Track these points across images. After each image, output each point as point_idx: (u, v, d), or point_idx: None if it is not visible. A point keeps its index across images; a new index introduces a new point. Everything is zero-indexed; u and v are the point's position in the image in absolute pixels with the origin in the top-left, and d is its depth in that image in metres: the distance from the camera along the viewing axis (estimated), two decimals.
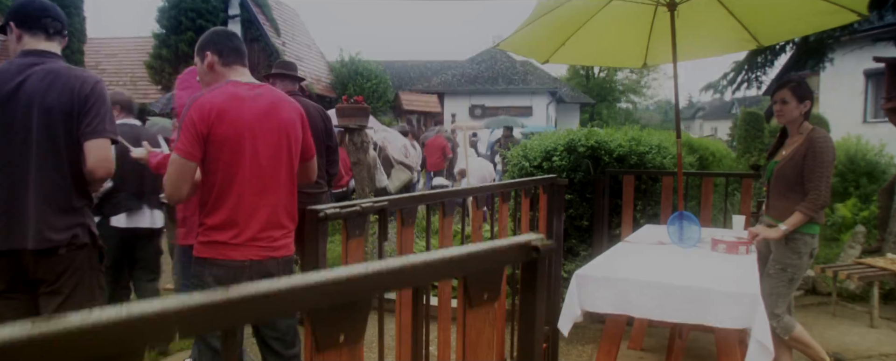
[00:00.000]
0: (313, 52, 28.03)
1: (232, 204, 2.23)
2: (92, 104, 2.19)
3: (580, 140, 4.62)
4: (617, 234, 4.60)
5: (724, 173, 4.85)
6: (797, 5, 3.25)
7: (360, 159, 5.56)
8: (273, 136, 2.32)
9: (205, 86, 2.43)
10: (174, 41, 18.18)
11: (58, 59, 2.27)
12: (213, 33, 2.42)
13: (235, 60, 2.40)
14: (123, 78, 24.32)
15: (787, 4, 3.27)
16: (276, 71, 4.27)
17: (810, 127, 3.21)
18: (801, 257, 3.15)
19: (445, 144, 12.84)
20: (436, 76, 32.96)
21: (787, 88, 3.21)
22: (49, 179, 2.16)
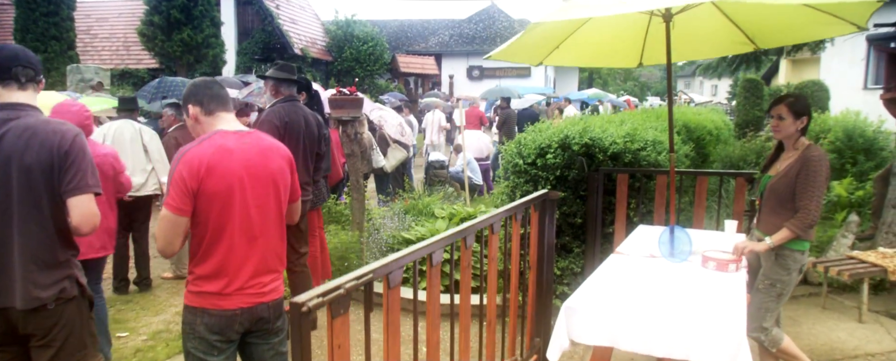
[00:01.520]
0: (308, 13, 27.54)
1: (222, 255, 2.24)
2: (72, 160, 2.16)
3: (574, 137, 4.58)
4: (610, 232, 4.62)
5: (718, 172, 4.83)
6: (797, 15, 3.17)
7: (354, 150, 5.52)
8: (262, 187, 2.32)
9: (195, 137, 2.41)
10: (166, 7, 17.83)
11: (33, 110, 2.22)
12: (192, 85, 2.39)
13: (218, 108, 2.37)
14: (116, 43, 23.95)
15: (787, 14, 3.20)
16: (273, 74, 4.19)
17: (806, 143, 3.18)
18: (790, 273, 3.17)
19: (482, 114, 12.88)
20: (433, 36, 32.51)
21: (783, 104, 3.17)
22: (33, 237, 2.15)
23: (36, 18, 17.93)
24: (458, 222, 6.93)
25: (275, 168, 2.37)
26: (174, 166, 2.20)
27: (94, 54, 23.63)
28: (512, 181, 4.82)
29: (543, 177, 4.62)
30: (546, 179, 4.61)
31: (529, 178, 4.68)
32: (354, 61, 25.21)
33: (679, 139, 5.93)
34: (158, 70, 22.20)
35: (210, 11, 18.80)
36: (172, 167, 2.21)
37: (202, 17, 18.40)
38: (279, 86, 4.20)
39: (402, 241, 6.30)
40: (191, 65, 19.30)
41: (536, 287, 3.52)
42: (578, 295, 2.72)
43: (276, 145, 2.44)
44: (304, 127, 4.20)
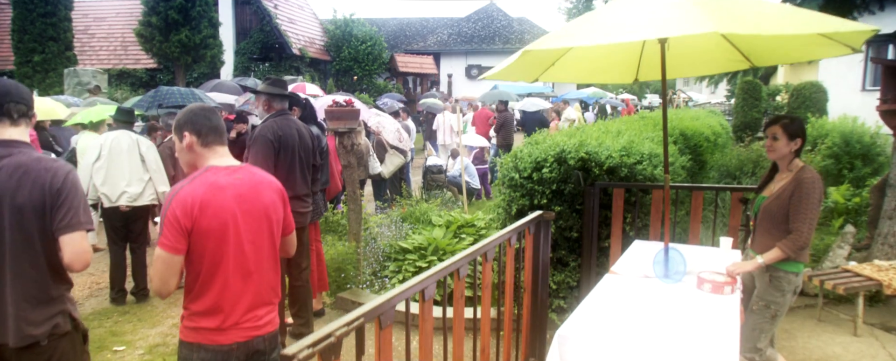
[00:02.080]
0: (306, 13, 27.51)
1: (217, 292, 2.24)
2: (64, 198, 2.15)
3: (570, 152, 4.58)
4: (606, 246, 4.62)
5: (713, 187, 4.83)
6: (793, 37, 3.17)
7: (350, 162, 5.52)
8: (255, 222, 2.32)
9: (184, 166, 2.41)
10: (163, 8, 17.81)
11: (25, 147, 2.21)
12: (191, 112, 2.36)
13: (214, 140, 2.35)
14: (114, 43, 23.92)
15: (783, 36, 3.19)
16: (265, 90, 4.19)
17: (800, 165, 3.18)
18: (784, 295, 3.18)
19: (491, 114, 12.96)
20: (432, 35, 32.49)
21: (778, 125, 3.18)
22: (25, 276, 2.15)
23: (33, 19, 17.90)
24: (455, 230, 6.94)
25: (267, 202, 2.37)
26: (167, 205, 2.20)
27: (92, 54, 23.60)
28: (507, 194, 4.82)
29: (539, 191, 4.62)
30: (542, 193, 4.61)
31: (525, 192, 4.67)
32: (353, 61, 25.20)
33: (675, 149, 5.94)
34: (156, 70, 22.20)
35: (208, 12, 18.78)
36: (165, 206, 2.21)
37: (200, 17, 18.38)
38: (271, 100, 4.20)
39: (400, 250, 6.31)
40: (189, 65, 19.30)
41: (531, 305, 3.52)
42: (571, 322, 2.72)
43: (267, 179, 2.44)
44: (298, 140, 4.20)
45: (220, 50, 19.73)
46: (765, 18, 2.48)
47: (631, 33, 2.45)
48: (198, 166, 2.35)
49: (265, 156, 3.96)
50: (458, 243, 6.37)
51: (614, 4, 2.93)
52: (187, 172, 2.39)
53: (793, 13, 2.61)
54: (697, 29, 2.29)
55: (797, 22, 2.49)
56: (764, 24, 2.40)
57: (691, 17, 2.37)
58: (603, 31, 2.56)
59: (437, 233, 6.60)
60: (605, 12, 2.82)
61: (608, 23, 2.64)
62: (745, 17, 2.45)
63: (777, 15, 2.56)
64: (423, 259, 6.09)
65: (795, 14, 2.61)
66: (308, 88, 16.00)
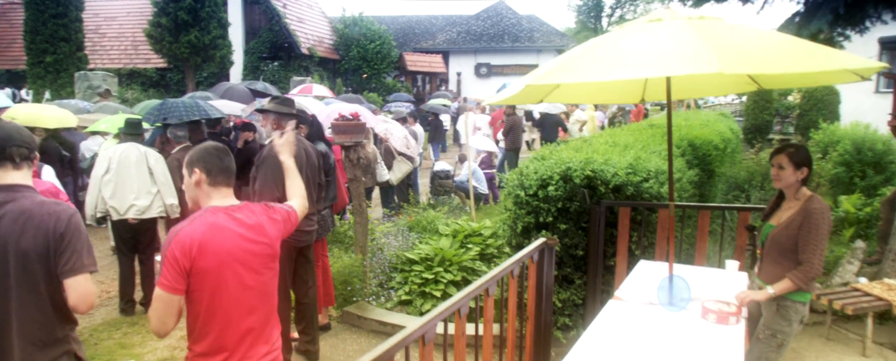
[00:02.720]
0: (315, 11, 27.53)
1: (218, 331, 2.26)
2: (68, 242, 2.18)
3: (576, 170, 4.56)
4: (612, 264, 4.60)
5: (720, 206, 4.79)
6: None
7: (357, 175, 5.53)
8: (255, 260, 2.35)
9: (190, 200, 2.44)
10: (173, 9, 17.87)
11: (28, 191, 2.24)
12: (204, 151, 2.40)
13: (223, 181, 2.39)
14: (124, 42, 24.03)
15: None
16: (274, 109, 4.20)
17: (808, 194, 3.15)
18: (791, 324, 3.16)
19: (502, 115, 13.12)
20: (441, 33, 32.40)
21: (784, 154, 3.15)
22: (31, 319, 2.17)
23: (45, 20, 18.02)
24: (461, 239, 6.94)
25: (267, 241, 2.40)
26: (167, 245, 2.22)
27: (103, 53, 23.74)
28: (513, 212, 4.81)
29: (545, 209, 4.61)
30: (548, 211, 4.60)
31: (531, 210, 4.66)
32: (362, 60, 25.21)
33: (683, 162, 5.90)
34: (166, 70, 22.30)
35: (217, 13, 18.83)
36: (165, 245, 2.22)
37: (209, 18, 18.43)
38: (280, 119, 4.21)
39: (406, 261, 6.32)
40: (198, 66, 19.37)
41: (534, 332, 3.52)
42: (575, 354, 2.71)
43: (267, 216, 2.46)
44: (305, 160, 4.22)
45: (229, 50, 19.79)
46: (772, 54, 2.46)
47: (635, 70, 2.42)
48: (201, 204, 2.38)
49: (274, 176, 3.98)
50: (464, 253, 6.37)
51: (618, 34, 2.91)
52: (191, 207, 2.42)
53: (801, 48, 2.57)
54: (703, 68, 2.27)
55: (804, 58, 2.46)
56: (770, 61, 2.37)
57: (697, 55, 2.35)
58: (606, 65, 2.54)
59: (444, 243, 6.61)
60: (608, 43, 2.80)
61: (612, 56, 2.61)
62: (752, 54, 2.43)
63: (785, 50, 2.53)
64: (430, 270, 6.10)
65: (803, 49, 2.58)
66: (316, 89, 16.02)
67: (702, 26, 2.70)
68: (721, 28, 2.72)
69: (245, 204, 2.45)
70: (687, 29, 2.66)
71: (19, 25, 19.67)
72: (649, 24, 2.92)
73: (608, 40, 2.86)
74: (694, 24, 2.72)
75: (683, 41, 2.51)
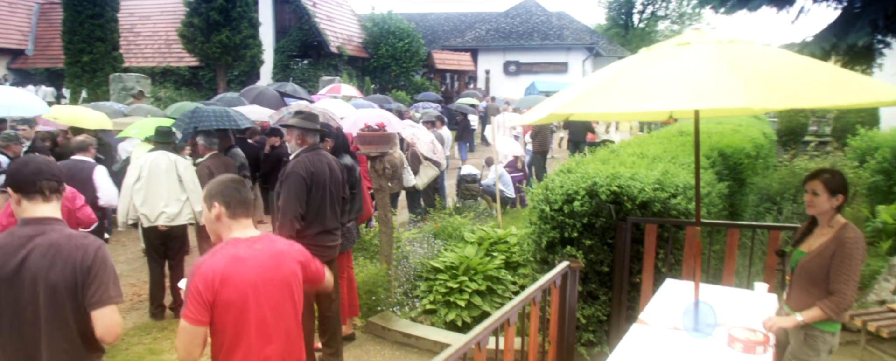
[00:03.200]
0: (344, 10, 27.68)
1: (241, 358, 2.33)
2: (95, 274, 2.24)
3: (602, 185, 4.51)
4: (637, 282, 4.54)
5: (750, 224, 4.69)
6: None
7: (382, 185, 5.55)
8: (276, 291, 2.40)
9: (211, 234, 2.49)
10: (205, 10, 18.14)
11: (57, 224, 2.30)
12: (221, 184, 2.45)
13: (241, 213, 2.44)
14: (158, 41, 24.48)
15: None
16: (298, 124, 4.23)
17: (842, 222, 3.06)
18: (819, 355, 3.08)
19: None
20: (470, 30, 32.36)
21: (819, 180, 3.06)
22: (60, 349, 2.24)
23: (82, 21, 18.45)
24: (487, 246, 6.92)
25: (288, 271, 2.45)
26: (190, 278, 2.28)
27: (137, 52, 24.23)
28: (538, 226, 4.78)
29: (570, 225, 4.56)
30: (573, 226, 4.56)
31: (556, 225, 4.63)
32: (390, 58, 25.29)
33: (712, 174, 5.79)
34: (198, 68, 22.68)
35: (248, 13, 19.07)
36: (189, 278, 2.27)
37: (240, 18, 18.68)
38: (305, 134, 4.24)
39: (431, 269, 6.32)
40: (229, 65, 19.65)
41: (557, 351, 3.49)
42: None
43: (287, 247, 2.51)
44: (329, 175, 4.25)
45: (259, 49, 20.04)
46: (803, 86, 2.39)
47: (660, 102, 2.38)
48: (223, 236, 2.44)
49: (297, 193, 4.02)
50: (489, 262, 6.35)
51: (644, 59, 2.86)
52: (213, 240, 2.46)
53: (834, 77, 2.49)
54: (730, 102, 2.22)
55: (837, 90, 2.38)
56: (800, 94, 2.31)
57: (724, 87, 2.29)
58: (631, 95, 2.49)
59: (469, 251, 6.60)
60: (634, 69, 2.75)
61: (638, 85, 2.57)
62: (782, 86, 2.36)
63: (817, 80, 2.45)
64: (454, 279, 6.09)
65: (837, 78, 2.49)
66: (343, 89, 16.13)
67: (731, 52, 2.63)
68: (751, 54, 2.66)
69: (266, 234, 2.50)
70: (715, 56, 2.60)
71: (58, 25, 20.16)
72: (677, 48, 2.86)
73: (634, 66, 2.81)
74: (723, 51, 2.66)
75: (711, 71, 2.45)
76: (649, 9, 41.91)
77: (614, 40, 37.83)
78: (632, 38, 40.02)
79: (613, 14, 41.99)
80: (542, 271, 4.86)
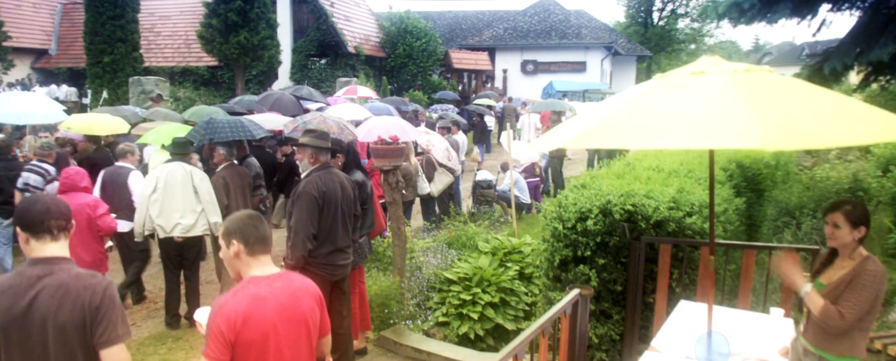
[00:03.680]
0: (362, 9, 27.72)
1: None
2: (103, 314, 2.26)
3: (616, 203, 4.46)
4: (651, 301, 4.49)
5: (765, 246, 4.61)
6: None
7: (395, 198, 5.54)
8: (294, 329, 2.45)
9: (230, 270, 2.53)
10: (223, 10, 18.26)
11: (65, 263, 2.32)
12: (239, 221, 2.47)
13: (260, 250, 2.46)
14: (177, 41, 24.71)
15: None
16: (311, 143, 4.23)
17: (864, 254, 2.98)
18: None
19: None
20: (487, 29, 32.27)
21: (840, 212, 2.97)
22: None
23: (103, 22, 18.68)
24: (501, 256, 6.89)
25: (306, 309, 2.50)
26: (212, 318, 2.32)
27: (158, 51, 24.47)
28: (551, 244, 4.74)
29: (583, 243, 4.52)
30: (586, 245, 4.52)
31: (569, 243, 4.59)
32: (407, 57, 25.27)
33: (729, 188, 5.71)
34: (217, 68, 22.86)
35: (266, 13, 19.17)
36: (210, 317, 2.32)
37: (258, 19, 18.78)
38: (317, 153, 4.25)
39: (444, 281, 6.31)
40: (247, 65, 19.78)
41: None
42: None
43: (304, 285, 2.55)
44: (340, 194, 4.26)
45: (277, 50, 20.15)
46: (821, 123, 2.32)
47: (673, 139, 2.33)
48: (242, 274, 2.47)
49: (309, 213, 4.04)
50: (502, 273, 6.33)
51: (658, 88, 2.80)
52: (233, 277, 2.51)
53: (854, 114, 2.42)
54: (744, 143, 2.17)
55: (856, 128, 2.32)
56: (817, 134, 2.25)
57: (739, 126, 2.23)
58: (644, 130, 2.45)
59: (483, 262, 6.58)
60: (647, 100, 2.70)
61: (651, 119, 2.52)
62: (800, 123, 2.29)
63: (837, 117, 2.39)
64: (468, 291, 6.08)
65: (858, 114, 2.42)
66: (360, 91, 16.16)
67: (747, 84, 2.57)
68: (768, 87, 2.60)
69: (284, 272, 2.54)
70: (731, 88, 2.54)
71: (80, 25, 20.42)
72: (691, 76, 2.81)
73: (648, 95, 2.75)
74: (739, 81, 2.60)
75: (726, 106, 2.39)
76: (669, 6, 41.46)
77: (633, 38, 37.50)
78: (651, 37, 39.64)
79: (632, 12, 41.61)
80: (555, 288, 4.83)
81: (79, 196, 5.19)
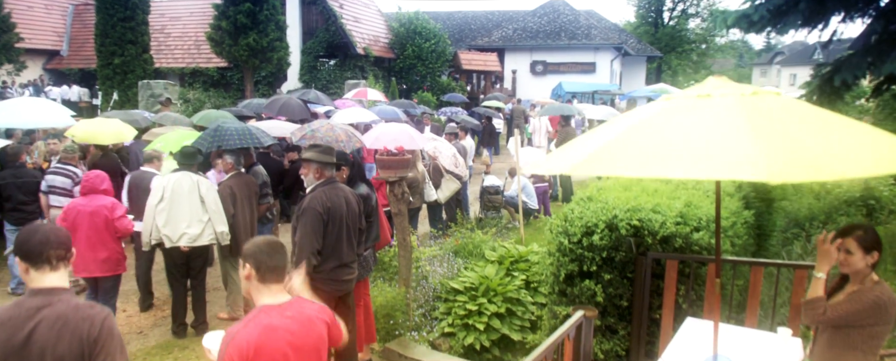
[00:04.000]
0: (371, 10, 27.73)
1: None
2: (101, 346, 2.26)
3: (622, 218, 4.43)
4: (657, 317, 4.46)
5: (774, 263, 4.55)
6: None
7: (401, 210, 5.53)
8: (306, 357, 2.46)
9: (244, 292, 2.55)
10: (233, 13, 18.31)
11: (64, 294, 2.32)
12: (256, 247, 2.48)
13: (272, 279, 2.48)
14: (187, 42, 24.82)
15: None
16: (316, 158, 4.22)
17: (875, 279, 2.93)
18: None
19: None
20: (497, 29, 32.21)
21: (852, 238, 2.92)
22: None
23: (114, 24, 18.79)
24: (507, 265, 6.87)
25: (317, 336, 2.52)
26: (224, 348, 2.33)
27: (168, 52, 24.60)
28: (556, 259, 4.72)
29: (589, 258, 4.50)
30: (592, 260, 4.49)
31: (574, 258, 4.56)
32: (416, 58, 25.26)
33: (738, 198, 5.66)
34: (227, 69, 22.96)
35: (275, 15, 19.21)
36: (221, 348, 2.33)
37: (267, 21, 18.82)
38: (322, 168, 4.24)
39: (450, 291, 6.30)
40: (256, 67, 19.83)
41: None
42: None
43: (316, 311, 2.56)
44: (345, 209, 4.25)
45: (286, 52, 20.20)
46: (831, 152, 2.27)
47: (677, 169, 2.29)
48: (255, 299, 2.50)
49: (314, 228, 4.04)
50: (509, 282, 6.31)
51: (663, 111, 2.77)
52: (245, 297, 2.53)
53: (864, 143, 2.37)
54: (749, 175, 2.13)
55: (865, 159, 2.27)
56: (826, 165, 2.20)
57: (746, 158, 2.20)
58: (647, 158, 2.41)
59: (489, 271, 6.56)
60: (652, 124, 2.65)
61: (655, 145, 2.48)
62: (808, 153, 2.24)
63: (848, 145, 2.34)
64: (474, 301, 6.07)
65: (868, 144, 2.37)
66: (370, 94, 16.16)
67: (754, 109, 2.53)
68: (775, 112, 2.56)
69: (296, 299, 2.55)
70: (737, 113, 2.50)
71: (92, 26, 20.56)
72: (697, 99, 2.77)
73: (653, 119, 2.72)
74: (745, 107, 2.56)
75: (731, 133, 2.36)
76: (680, 6, 41.21)
77: (643, 39, 37.31)
78: (661, 37, 39.42)
79: (643, 12, 41.39)
80: (560, 302, 4.81)
81: (98, 198, 5.50)
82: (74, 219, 5.37)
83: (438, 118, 16.84)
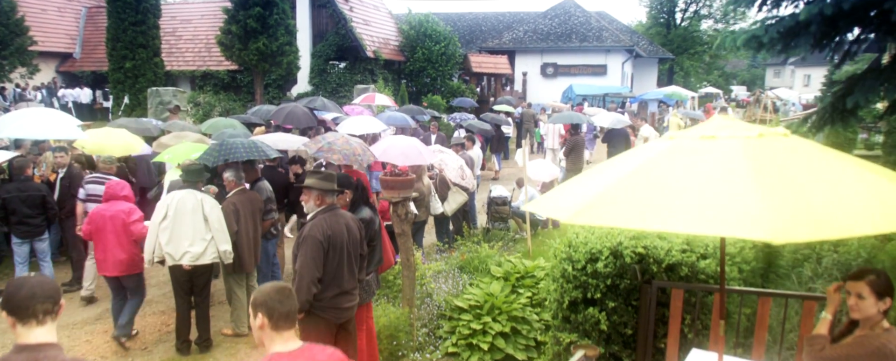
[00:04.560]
0: (381, 13, 27.69)
1: None
2: None
3: (627, 246, 4.36)
4: (662, 347, 4.39)
5: (781, 293, 4.46)
6: None
7: (404, 230, 5.49)
8: None
9: (256, 340, 2.55)
10: (242, 17, 18.34)
11: (51, 349, 2.28)
12: (267, 295, 2.48)
13: (284, 326, 2.48)
14: (198, 45, 24.91)
15: None
16: (317, 186, 4.19)
17: (886, 326, 2.83)
18: None
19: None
20: (507, 31, 32.10)
21: (864, 282, 2.82)
22: None
23: (125, 28, 18.88)
24: (513, 282, 6.81)
25: None
26: None
27: (179, 55, 24.71)
28: (560, 285, 4.65)
29: (593, 285, 4.43)
30: (596, 287, 4.43)
31: (578, 284, 4.50)
32: (426, 61, 25.19)
33: None
34: (237, 72, 23.02)
35: (284, 20, 19.22)
36: None
37: (277, 25, 18.84)
38: (324, 195, 4.21)
39: (455, 309, 6.25)
40: (266, 71, 19.87)
41: None
42: None
43: (327, 357, 2.54)
44: (346, 236, 4.21)
45: (296, 56, 20.22)
46: (841, 207, 2.20)
47: (680, 223, 2.23)
48: (266, 347, 2.50)
49: (314, 257, 4.01)
50: (514, 300, 6.25)
51: (665, 153, 2.70)
52: (257, 344, 2.63)
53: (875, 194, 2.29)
54: (752, 233, 2.07)
55: (877, 213, 2.19)
56: (834, 222, 2.13)
57: (748, 216, 2.13)
58: (647, 208, 2.35)
59: (495, 288, 6.50)
60: (653, 171, 2.59)
61: (656, 194, 2.42)
62: (816, 209, 2.17)
63: (857, 198, 2.27)
64: (478, 319, 6.01)
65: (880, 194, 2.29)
66: (378, 98, 16.11)
67: (759, 156, 2.47)
68: (781, 158, 2.49)
69: (307, 346, 2.53)
70: (741, 160, 2.44)
71: (104, 29, 20.68)
72: (701, 141, 2.71)
73: (656, 162, 2.65)
74: (750, 151, 2.50)
75: (735, 186, 2.29)
76: (692, 7, 40.87)
77: (655, 40, 37.05)
78: (674, 38, 39.12)
79: (655, 13, 41.11)
80: (564, 329, 4.75)
81: (118, 203, 6.07)
82: (98, 223, 5.95)
83: (447, 123, 16.76)
